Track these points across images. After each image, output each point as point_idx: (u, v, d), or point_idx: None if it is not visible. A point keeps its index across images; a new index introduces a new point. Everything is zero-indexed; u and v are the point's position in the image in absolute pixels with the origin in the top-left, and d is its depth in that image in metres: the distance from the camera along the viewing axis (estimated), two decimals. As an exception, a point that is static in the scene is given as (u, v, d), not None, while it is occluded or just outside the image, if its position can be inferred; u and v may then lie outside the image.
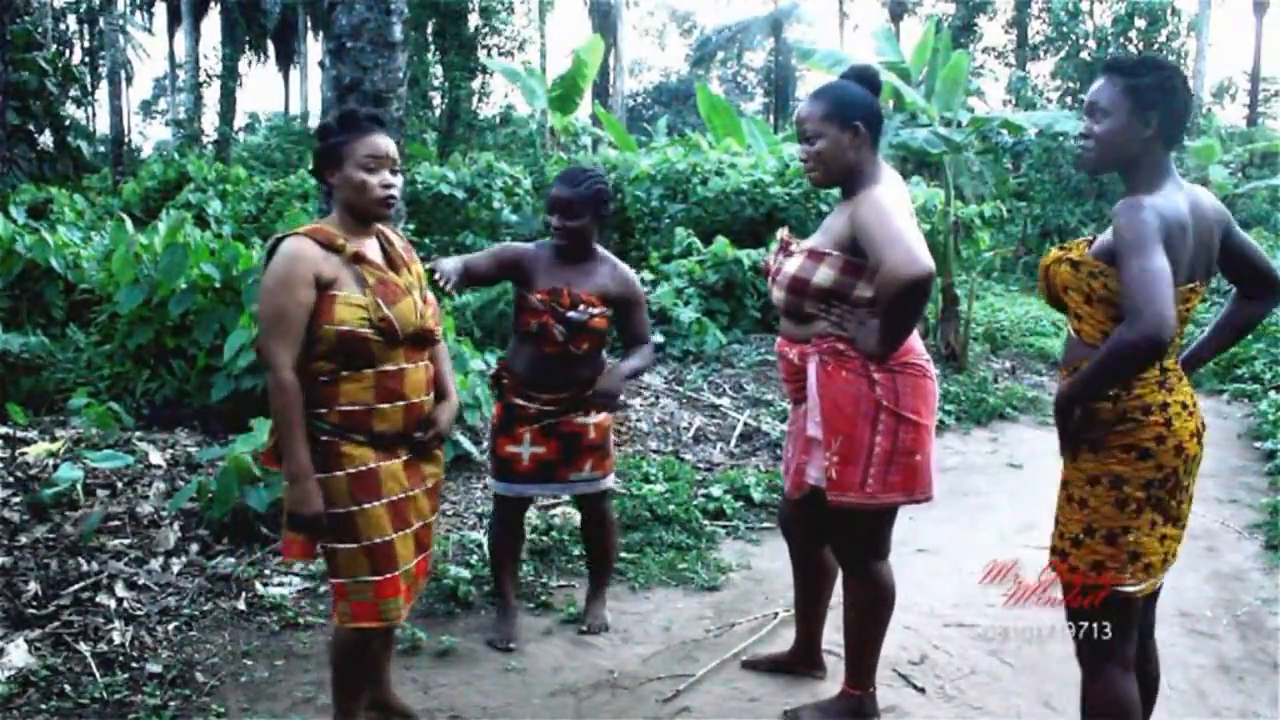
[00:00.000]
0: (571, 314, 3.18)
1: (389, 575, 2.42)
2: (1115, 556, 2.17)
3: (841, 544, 2.82)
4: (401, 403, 2.43)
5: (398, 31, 4.71)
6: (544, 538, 4.14)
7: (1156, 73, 2.17)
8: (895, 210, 2.53)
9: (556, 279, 3.23)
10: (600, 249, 3.37)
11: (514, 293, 3.33)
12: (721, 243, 8.67)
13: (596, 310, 3.21)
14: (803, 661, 3.16)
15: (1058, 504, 2.29)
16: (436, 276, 2.97)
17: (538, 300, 3.19)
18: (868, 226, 2.50)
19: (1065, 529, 2.25)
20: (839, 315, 2.63)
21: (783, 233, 2.92)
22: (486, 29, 23.22)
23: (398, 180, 2.45)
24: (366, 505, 2.38)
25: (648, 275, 8.52)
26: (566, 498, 4.21)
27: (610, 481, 3.45)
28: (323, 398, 2.36)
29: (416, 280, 2.54)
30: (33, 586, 3.36)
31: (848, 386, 2.61)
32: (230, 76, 26.55)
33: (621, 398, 3.25)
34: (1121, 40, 18.11)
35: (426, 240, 10.07)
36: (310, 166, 2.49)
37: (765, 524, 4.70)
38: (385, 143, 2.42)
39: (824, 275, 2.62)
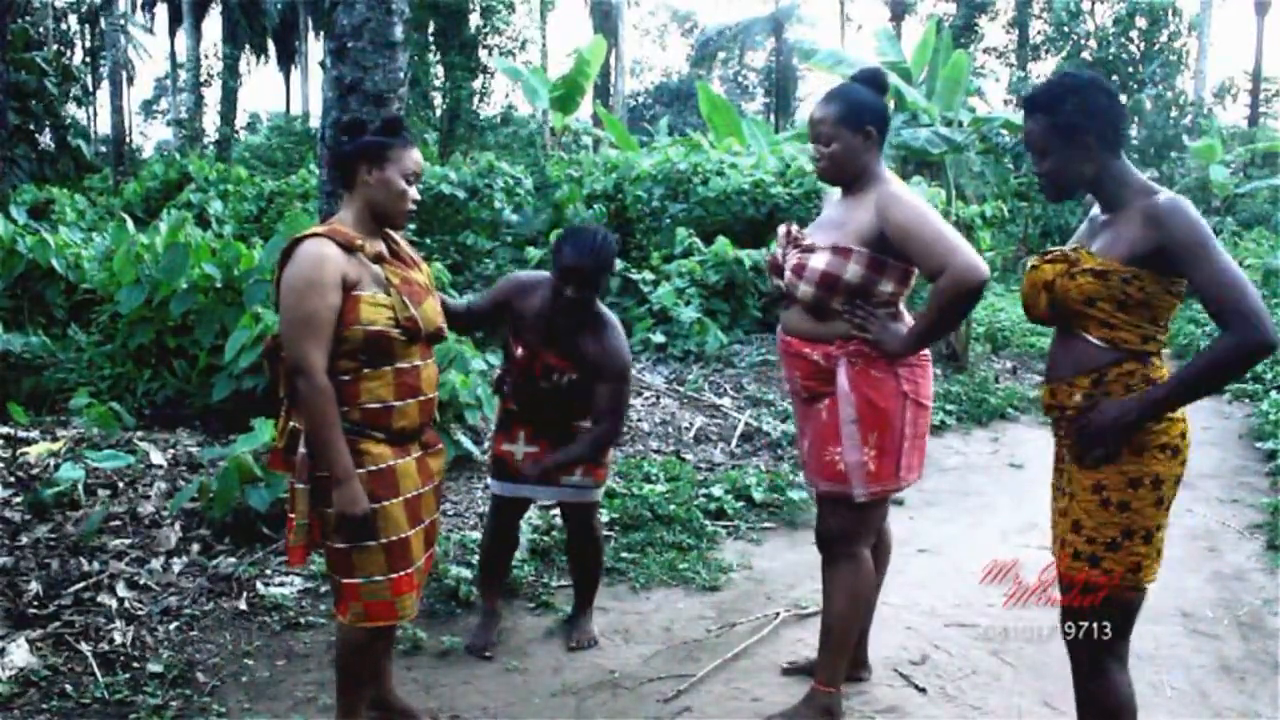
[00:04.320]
0: (543, 384, 3.14)
1: (405, 572, 2.43)
2: (1148, 555, 2.19)
3: (847, 531, 2.81)
4: (417, 399, 2.45)
5: (399, 31, 4.70)
6: (544, 538, 4.13)
7: (1074, 97, 2.16)
8: (932, 211, 2.63)
9: (540, 334, 3.13)
10: (602, 308, 3.17)
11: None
12: (722, 242, 8.67)
13: (575, 376, 3.12)
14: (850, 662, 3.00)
15: (1084, 510, 2.21)
16: None
17: (519, 353, 3.16)
18: (916, 230, 2.57)
19: (1098, 534, 2.19)
20: (862, 316, 2.68)
21: (787, 227, 2.92)
22: (487, 29, 23.21)
23: (415, 193, 2.51)
24: (386, 502, 2.39)
25: (648, 275, 8.52)
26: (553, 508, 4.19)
27: (600, 494, 3.38)
28: (344, 396, 2.35)
29: (427, 279, 2.58)
30: (34, 586, 3.36)
31: (880, 384, 2.69)
32: (231, 76, 26.62)
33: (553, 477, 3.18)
34: (1123, 40, 18.08)
35: (427, 240, 10.07)
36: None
37: (766, 524, 4.70)
38: (420, 158, 2.49)
39: (854, 272, 2.66)
